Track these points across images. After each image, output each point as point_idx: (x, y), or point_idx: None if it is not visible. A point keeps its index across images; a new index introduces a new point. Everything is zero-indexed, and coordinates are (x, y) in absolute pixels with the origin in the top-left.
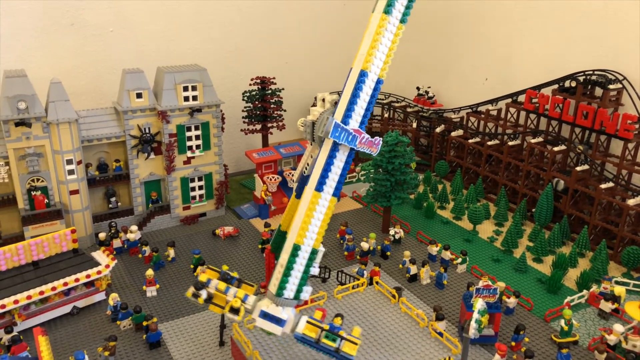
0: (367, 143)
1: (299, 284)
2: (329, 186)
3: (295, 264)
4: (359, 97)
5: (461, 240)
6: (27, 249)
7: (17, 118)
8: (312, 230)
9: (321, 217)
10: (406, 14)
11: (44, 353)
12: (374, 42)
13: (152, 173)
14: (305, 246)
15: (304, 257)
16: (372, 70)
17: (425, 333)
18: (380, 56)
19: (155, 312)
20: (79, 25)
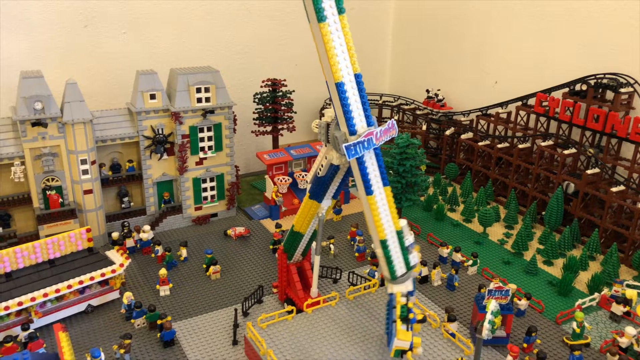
0: (384, 134)
1: (403, 260)
2: (375, 185)
3: (391, 252)
4: (350, 104)
5: (471, 242)
6: (43, 247)
7: (33, 118)
8: (386, 222)
9: (387, 209)
10: (338, 3)
11: (65, 349)
12: (329, 52)
13: (165, 173)
14: (389, 236)
15: (394, 244)
16: (344, 75)
17: (437, 334)
18: (342, 58)
19: (168, 311)
20: (93, 27)
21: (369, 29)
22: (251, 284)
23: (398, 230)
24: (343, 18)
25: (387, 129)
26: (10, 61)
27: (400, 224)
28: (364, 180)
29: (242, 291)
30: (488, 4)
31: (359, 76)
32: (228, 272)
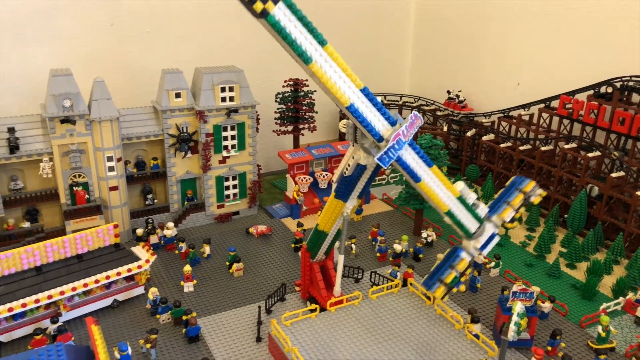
0: (410, 128)
1: (473, 217)
2: (420, 172)
3: (459, 217)
4: (366, 117)
5: None
6: (72, 242)
7: (62, 115)
8: (445, 197)
9: (441, 185)
10: (317, 37)
11: (97, 342)
12: (328, 85)
13: (189, 171)
14: (453, 207)
15: (459, 210)
16: (351, 97)
17: (461, 335)
18: (342, 82)
19: (192, 307)
20: (118, 25)
21: (389, 29)
22: (273, 282)
23: (458, 196)
24: (327, 48)
25: (412, 122)
26: (39, 59)
27: (458, 188)
28: (409, 173)
29: (265, 289)
30: (510, 5)
31: (364, 89)
32: (250, 270)
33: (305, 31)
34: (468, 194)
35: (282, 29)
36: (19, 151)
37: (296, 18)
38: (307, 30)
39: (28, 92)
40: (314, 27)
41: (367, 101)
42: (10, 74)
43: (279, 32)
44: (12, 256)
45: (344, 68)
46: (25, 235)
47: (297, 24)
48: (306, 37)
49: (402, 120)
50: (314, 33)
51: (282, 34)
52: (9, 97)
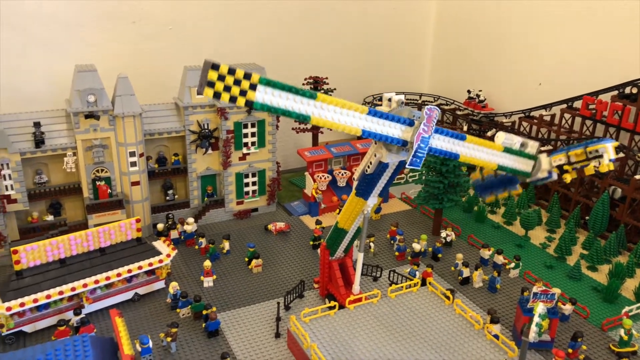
0: (429, 123)
1: (525, 158)
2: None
3: (512, 166)
4: (382, 133)
5: (512, 245)
6: (95, 235)
7: (86, 110)
8: (489, 156)
9: (481, 149)
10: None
11: (122, 333)
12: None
13: (209, 168)
14: (501, 161)
15: (508, 160)
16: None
17: (480, 335)
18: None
19: (211, 302)
20: (140, 22)
21: (409, 28)
22: (292, 279)
23: (502, 149)
24: (319, 97)
25: (429, 116)
26: (64, 55)
27: (499, 141)
28: (445, 155)
29: (283, 285)
30: (533, 5)
31: (370, 111)
32: (269, 266)
33: (293, 95)
34: (512, 142)
35: (271, 107)
36: (44, 145)
37: (279, 90)
38: (294, 94)
39: (53, 88)
40: (299, 88)
41: (377, 119)
42: (36, 69)
43: (269, 111)
44: (37, 248)
45: (343, 104)
46: (49, 228)
47: (282, 93)
48: (296, 100)
49: (419, 115)
50: (300, 93)
51: (273, 110)
52: (35, 92)
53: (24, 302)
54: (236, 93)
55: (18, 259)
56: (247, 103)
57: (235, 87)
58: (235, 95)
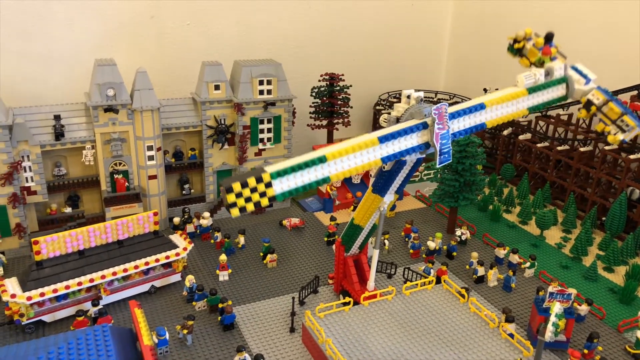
0: (441, 120)
1: (555, 85)
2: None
3: (545, 100)
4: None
5: (528, 244)
6: (113, 228)
7: (105, 104)
8: (517, 106)
9: (506, 104)
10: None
11: (141, 324)
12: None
13: (225, 163)
14: (531, 102)
15: (537, 98)
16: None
17: (495, 334)
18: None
19: (227, 296)
20: (159, 17)
21: (426, 26)
22: (306, 274)
23: (527, 93)
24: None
25: (439, 114)
26: (83, 49)
27: (521, 85)
28: (473, 131)
29: (298, 280)
30: (551, 4)
31: (381, 139)
32: (283, 262)
33: (306, 168)
34: (535, 79)
35: (292, 191)
36: (63, 138)
37: (292, 173)
38: (306, 167)
39: (72, 81)
40: (307, 161)
41: (392, 140)
42: (56, 63)
43: (291, 195)
44: (57, 239)
45: (353, 148)
46: (67, 220)
47: (295, 174)
48: (309, 172)
49: (428, 112)
50: (310, 164)
51: (295, 192)
52: (54, 86)
53: (44, 292)
54: (257, 198)
55: (38, 249)
56: (271, 200)
57: (254, 194)
58: (257, 200)
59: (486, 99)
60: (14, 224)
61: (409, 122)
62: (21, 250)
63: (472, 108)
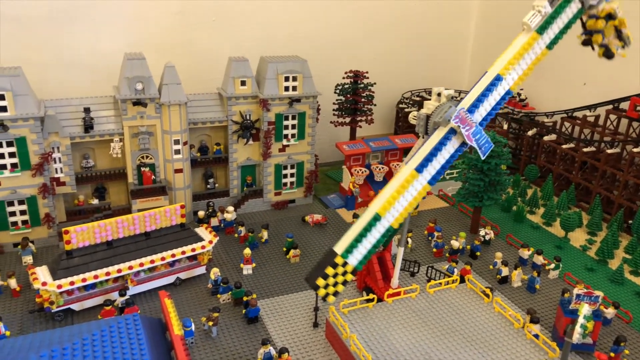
0: (464, 123)
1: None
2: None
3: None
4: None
5: (552, 246)
6: (141, 219)
7: (134, 98)
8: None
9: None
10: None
11: (171, 314)
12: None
13: (249, 158)
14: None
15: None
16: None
17: (520, 334)
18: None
19: (250, 289)
20: (186, 13)
21: (451, 25)
22: None
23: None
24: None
25: (462, 119)
26: (111, 44)
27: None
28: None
29: None
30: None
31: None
32: (306, 257)
33: (368, 234)
34: (540, 15)
35: (367, 256)
36: (92, 131)
37: (359, 244)
38: (367, 233)
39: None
40: (365, 227)
41: (430, 166)
42: (85, 57)
43: (367, 259)
44: (87, 230)
45: (399, 192)
46: (94, 212)
47: (362, 243)
48: (372, 234)
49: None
50: (369, 227)
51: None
52: (83, 79)
53: (74, 281)
54: (342, 278)
55: (69, 239)
56: (354, 271)
57: (337, 277)
58: (343, 280)
59: (499, 66)
60: (43, 214)
61: (435, 137)
62: (49, 240)
63: (489, 87)
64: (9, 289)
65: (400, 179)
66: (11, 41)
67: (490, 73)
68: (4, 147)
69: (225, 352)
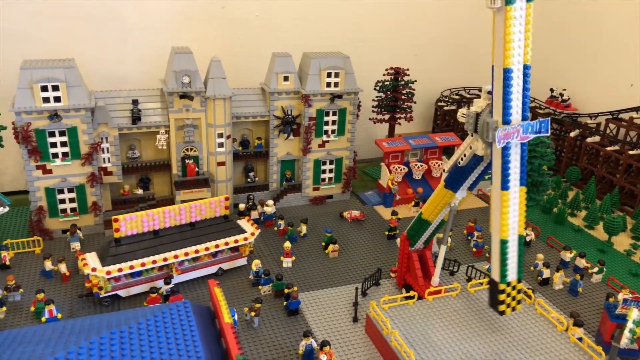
0: (507, 136)
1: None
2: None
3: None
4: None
5: (594, 249)
6: (187, 210)
7: (181, 91)
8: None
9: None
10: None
11: (221, 302)
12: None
13: (289, 153)
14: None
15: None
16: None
17: (563, 337)
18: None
19: (290, 282)
20: (229, 8)
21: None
22: (366, 266)
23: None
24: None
25: (504, 136)
26: (157, 38)
27: None
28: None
29: (358, 272)
30: (627, 3)
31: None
32: (344, 252)
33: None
34: None
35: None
36: (140, 122)
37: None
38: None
39: (146, 68)
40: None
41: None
42: (133, 50)
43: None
44: (135, 218)
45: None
46: (138, 202)
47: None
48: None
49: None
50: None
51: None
52: (130, 72)
53: (122, 268)
54: (514, 292)
55: (118, 227)
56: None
57: (511, 294)
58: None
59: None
60: (91, 202)
61: (496, 159)
62: (95, 228)
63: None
64: (58, 273)
65: (499, 203)
66: (64, 35)
67: (496, 71)
68: (57, 136)
69: (267, 342)
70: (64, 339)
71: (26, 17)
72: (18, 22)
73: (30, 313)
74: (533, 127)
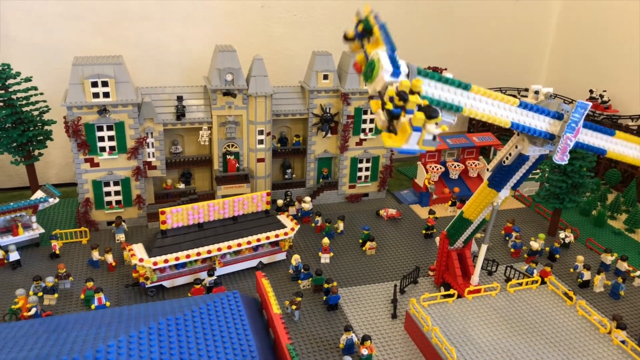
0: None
1: None
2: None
3: None
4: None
5: (635, 253)
6: (230, 204)
7: (224, 88)
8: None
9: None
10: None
11: (269, 294)
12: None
13: (326, 150)
14: None
15: None
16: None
17: (606, 340)
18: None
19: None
20: (268, 7)
21: (530, 25)
22: (403, 264)
23: None
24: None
25: (561, 151)
26: (198, 37)
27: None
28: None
29: (396, 269)
30: None
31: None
32: (381, 250)
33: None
34: None
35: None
36: (184, 118)
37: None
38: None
39: (187, 66)
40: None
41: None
42: (174, 49)
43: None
44: (181, 211)
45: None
46: (180, 196)
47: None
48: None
49: (568, 109)
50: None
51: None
52: (172, 70)
53: (167, 259)
54: None
55: (164, 219)
56: None
57: None
58: None
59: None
60: (135, 195)
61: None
62: (139, 220)
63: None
64: (105, 263)
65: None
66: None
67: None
68: (105, 131)
69: (307, 335)
70: (124, 323)
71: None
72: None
73: (80, 300)
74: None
